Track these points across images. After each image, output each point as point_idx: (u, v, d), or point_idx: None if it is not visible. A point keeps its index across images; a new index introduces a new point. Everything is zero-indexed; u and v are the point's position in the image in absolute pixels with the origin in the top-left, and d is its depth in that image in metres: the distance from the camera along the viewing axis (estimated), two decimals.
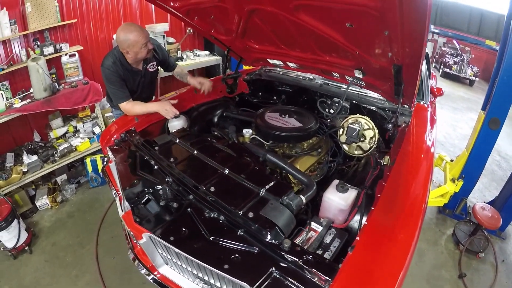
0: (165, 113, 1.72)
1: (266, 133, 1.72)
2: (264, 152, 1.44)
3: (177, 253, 1.06)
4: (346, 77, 1.83)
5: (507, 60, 1.99)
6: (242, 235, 1.01)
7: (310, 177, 1.33)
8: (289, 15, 1.27)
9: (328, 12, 1.16)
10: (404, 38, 1.06)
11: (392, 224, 0.96)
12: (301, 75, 2.24)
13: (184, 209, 1.15)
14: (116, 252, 2.13)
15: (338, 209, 1.16)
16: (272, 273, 0.89)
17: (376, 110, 1.84)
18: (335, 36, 1.30)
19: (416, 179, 1.19)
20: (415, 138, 1.49)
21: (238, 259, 0.93)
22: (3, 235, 2.05)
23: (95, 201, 2.67)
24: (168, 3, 1.64)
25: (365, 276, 0.82)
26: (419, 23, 0.91)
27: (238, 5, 1.41)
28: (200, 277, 1.09)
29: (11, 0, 2.48)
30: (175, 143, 1.55)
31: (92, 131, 2.79)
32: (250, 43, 1.94)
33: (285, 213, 1.04)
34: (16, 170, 2.40)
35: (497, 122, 2.18)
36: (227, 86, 2.24)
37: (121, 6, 3.19)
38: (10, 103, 2.41)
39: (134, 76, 1.86)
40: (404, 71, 1.31)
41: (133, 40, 1.65)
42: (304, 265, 0.87)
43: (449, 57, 7.30)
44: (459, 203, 2.51)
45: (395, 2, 0.89)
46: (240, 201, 1.10)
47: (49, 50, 2.64)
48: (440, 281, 2.00)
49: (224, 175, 1.25)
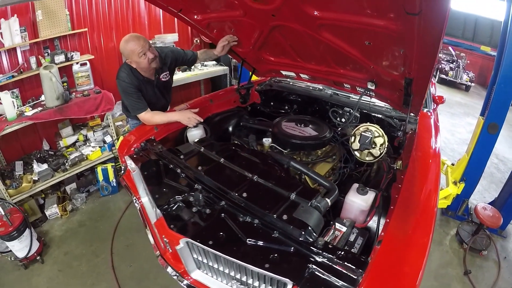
0: (188, 121, 1.81)
1: (284, 142, 1.85)
2: (288, 160, 1.56)
3: (216, 256, 1.15)
4: (357, 88, 1.98)
5: (504, 67, 2.14)
6: (277, 236, 1.11)
7: (332, 181, 1.46)
8: (311, 32, 1.40)
9: (349, 31, 1.29)
10: (418, 55, 1.19)
11: (411, 221, 1.08)
12: (311, 86, 2.37)
13: (217, 215, 1.25)
14: (132, 260, 2.19)
15: (360, 210, 1.28)
16: (310, 269, 0.99)
17: (384, 118, 1.99)
18: (352, 52, 1.44)
19: (427, 181, 1.33)
20: (423, 144, 1.63)
21: (276, 258, 1.03)
22: (14, 244, 2.08)
23: (106, 210, 2.72)
24: (191, 16, 1.76)
25: (393, 267, 0.94)
26: (434, 41, 1.03)
27: (263, 21, 1.52)
28: (237, 278, 1.18)
29: (22, 7, 2.55)
30: (200, 151, 1.65)
31: (103, 140, 2.86)
32: (266, 55, 2.06)
33: (315, 215, 1.15)
34: (26, 179, 2.45)
35: (495, 127, 2.34)
36: (241, 96, 2.36)
37: (130, 16, 3.30)
38: (21, 111, 2.46)
39: (147, 85, 1.94)
40: (414, 83, 1.46)
41: (130, 49, 1.72)
42: (338, 260, 0.98)
43: (445, 64, 7.61)
44: (461, 205, 2.67)
45: (413, 27, 1.03)
46: (272, 205, 1.20)
47: (60, 59, 2.72)
48: (447, 278, 2.15)
49: (254, 181, 1.36)
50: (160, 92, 2.08)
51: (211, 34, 1.97)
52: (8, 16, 2.49)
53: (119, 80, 1.84)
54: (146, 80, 1.94)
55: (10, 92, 2.45)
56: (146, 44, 1.75)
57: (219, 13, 1.66)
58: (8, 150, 2.72)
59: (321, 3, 1.18)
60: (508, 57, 2.12)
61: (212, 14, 1.71)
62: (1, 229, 2.01)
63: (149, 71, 1.92)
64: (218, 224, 1.21)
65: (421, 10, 0.90)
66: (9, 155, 2.73)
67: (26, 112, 2.44)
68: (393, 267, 0.95)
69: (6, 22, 2.44)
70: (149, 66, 1.84)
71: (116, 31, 3.22)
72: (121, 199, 2.87)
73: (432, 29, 0.96)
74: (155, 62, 1.85)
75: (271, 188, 1.32)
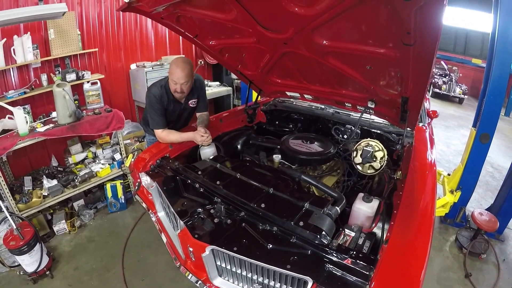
0: (202, 139, 1.99)
1: (292, 158, 2.04)
2: (300, 174, 1.73)
3: (240, 261, 1.29)
4: (358, 107, 2.20)
5: (493, 80, 2.35)
6: (295, 241, 1.26)
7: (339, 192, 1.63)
8: (319, 58, 1.61)
9: (353, 58, 1.50)
10: (413, 77, 1.39)
11: (413, 222, 1.25)
12: (313, 105, 2.60)
13: (238, 224, 1.39)
14: (144, 274, 2.27)
15: (366, 216, 1.44)
16: (327, 268, 1.14)
17: (383, 133, 2.21)
18: (355, 75, 1.65)
19: (425, 187, 1.51)
20: (420, 155, 1.83)
21: (296, 260, 1.18)
22: (24, 259, 2.13)
23: (115, 226, 2.81)
24: (206, 41, 1.97)
25: (399, 262, 1.09)
26: (426, 65, 1.22)
27: (274, 47, 1.73)
28: (259, 282, 1.31)
29: (35, 25, 2.73)
30: (216, 168, 1.81)
31: (112, 158, 2.98)
32: (273, 77, 2.28)
33: (328, 221, 1.31)
34: (36, 194, 2.54)
35: (487, 137, 2.54)
36: (248, 116, 2.58)
37: (138, 37, 3.55)
38: (32, 127, 2.55)
39: (175, 106, 2.12)
40: (410, 101, 1.66)
41: (171, 72, 1.93)
42: (352, 259, 1.13)
43: (438, 78, 8.06)
44: (459, 212, 2.84)
45: (409, 54, 1.22)
46: (289, 213, 1.36)
47: (72, 77, 2.89)
48: (449, 281, 2.30)
49: (270, 193, 1.52)
50: (183, 116, 2.26)
51: (223, 58, 2.17)
52: (21, 33, 2.66)
53: (149, 93, 2.02)
54: (175, 101, 2.11)
55: (22, 108, 2.56)
56: (185, 81, 1.93)
57: (234, 39, 1.86)
58: (16, 165, 2.82)
59: (330, 34, 1.38)
60: (496, 69, 2.33)
61: (226, 40, 1.91)
62: (12, 243, 2.07)
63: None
64: (240, 232, 1.35)
65: (415, 42, 1.11)
66: (17, 170, 2.83)
67: (38, 128, 2.54)
68: (399, 262, 1.10)
69: (19, 39, 2.60)
70: (174, 94, 2.03)
71: (124, 52, 3.44)
72: (130, 215, 2.97)
73: (424, 56, 1.16)
74: (180, 97, 2.05)
75: (287, 198, 1.48)
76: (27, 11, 2.27)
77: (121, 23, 3.36)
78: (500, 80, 2.36)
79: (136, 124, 3.61)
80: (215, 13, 1.58)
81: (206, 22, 1.76)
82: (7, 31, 2.58)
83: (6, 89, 2.68)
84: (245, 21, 1.51)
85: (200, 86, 2.25)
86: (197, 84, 2.20)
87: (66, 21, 2.78)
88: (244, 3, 1.37)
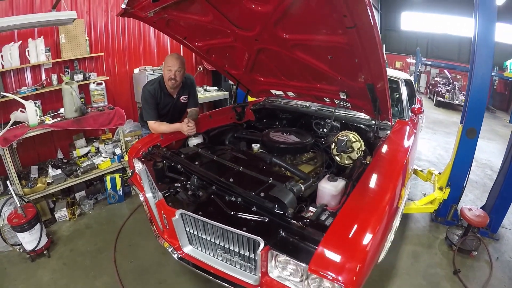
0: (188, 129, 2.24)
1: (271, 147, 2.24)
2: (270, 156, 1.93)
3: (205, 225, 1.47)
4: (335, 101, 2.39)
5: (475, 77, 2.47)
6: (255, 210, 1.44)
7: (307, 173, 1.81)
8: (287, 52, 1.84)
9: (314, 48, 1.72)
10: (369, 63, 1.56)
11: (366, 198, 1.40)
12: (299, 104, 2.83)
13: (208, 196, 1.59)
14: (133, 257, 2.46)
15: (331, 195, 1.57)
16: (280, 233, 1.29)
17: (363, 127, 2.37)
18: (322, 66, 1.87)
19: (387, 170, 1.69)
20: (392, 144, 2.01)
21: (253, 225, 1.35)
22: (25, 236, 2.32)
23: (112, 216, 3.04)
24: (194, 43, 2.26)
25: (346, 229, 1.21)
26: (375, 48, 1.38)
27: (248, 44, 1.99)
28: (221, 246, 1.49)
29: (48, 30, 3.13)
30: (197, 152, 2.04)
31: (113, 152, 3.27)
32: (256, 76, 2.54)
33: (288, 194, 1.47)
34: (41, 181, 2.82)
35: (473, 132, 2.59)
36: (236, 113, 2.82)
37: (141, 45, 3.94)
38: (41, 120, 2.87)
39: (167, 100, 2.41)
40: (376, 89, 1.80)
41: (166, 60, 2.26)
42: (303, 225, 1.29)
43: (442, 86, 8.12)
44: (450, 210, 2.88)
45: (356, 38, 1.40)
46: (253, 187, 1.55)
47: (79, 77, 3.24)
48: (435, 277, 2.27)
49: (240, 171, 1.72)
50: (174, 110, 2.54)
51: (210, 58, 2.46)
52: (35, 37, 3.06)
53: (144, 88, 2.33)
54: (167, 95, 2.41)
55: (33, 102, 2.87)
56: (179, 67, 2.25)
57: (216, 40, 2.14)
58: (25, 156, 3.14)
59: (288, 27, 1.61)
60: (477, 66, 2.46)
61: (210, 41, 2.20)
62: (15, 220, 2.29)
63: (172, 89, 2.39)
64: (208, 202, 1.55)
65: (356, 24, 1.29)
66: (25, 160, 3.14)
67: (46, 121, 2.86)
68: (346, 228, 1.22)
69: (33, 42, 2.99)
70: (168, 83, 2.31)
71: (128, 58, 3.82)
72: (127, 207, 3.21)
73: (368, 37, 1.33)
74: (173, 84, 2.32)
75: (253, 175, 1.67)
76: (41, 17, 2.65)
77: (126, 31, 3.76)
78: (482, 77, 2.47)
79: (137, 124, 3.91)
80: (196, 16, 1.86)
81: (191, 25, 2.05)
82: (23, 35, 2.98)
83: (19, 86, 3.07)
84: (220, 22, 1.78)
85: (190, 84, 2.53)
86: (188, 82, 2.49)
87: (76, 27, 3.17)
88: (217, 6, 1.64)
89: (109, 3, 3.56)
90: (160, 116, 2.41)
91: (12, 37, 2.95)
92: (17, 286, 2.20)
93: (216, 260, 1.55)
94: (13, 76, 3.05)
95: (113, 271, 2.33)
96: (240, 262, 1.43)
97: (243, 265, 1.43)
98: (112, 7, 3.60)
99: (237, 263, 1.45)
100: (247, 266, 1.42)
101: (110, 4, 3.58)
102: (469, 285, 2.18)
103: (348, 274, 1.07)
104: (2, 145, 2.50)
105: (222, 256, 1.51)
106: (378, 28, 1.26)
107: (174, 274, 2.26)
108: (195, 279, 2.20)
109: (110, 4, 3.58)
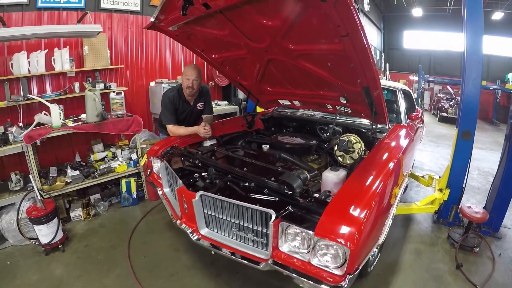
0: (204, 131, 2.53)
1: (279, 147, 2.49)
2: (279, 152, 2.20)
3: (222, 203, 1.69)
4: (337, 107, 2.68)
5: (466, 85, 2.72)
6: (267, 192, 1.68)
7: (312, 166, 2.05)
8: (293, 62, 2.15)
9: (316, 57, 2.02)
10: (362, 67, 1.81)
11: (362, 180, 1.65)
12: (305, 113, 3.15)
13: (225, 183, 1.83)
14: (146, 253, 2.62)
15: (333, 182, 1.84)
16: (288, 208, 1.53)
17: (363, 131, 2.64)
18: (323, 74, 2.16)
19: (380, 160, 1.94)
20: (388, 140, 2.30)
21: (265, 203, 1.59)
22: (42, 229, 2.47)
23: (126, 217, 3.24)
24: (210, 55, 2.60)
25: (345, 205, 1.45)
26: (364, 51, 1.62)
27: (259, 56, 2.30)
28: (236, 224, 1.70)
29: (72, 42, 3.52)
30: (213, 150, 2.33)
31: (129, 157, 3.51)
32: (265, 86, 2.86)
33: (296, 179, 1.71)
34: (60, 180, 3.05)
35: (468, 134, 2.79)
36: (247, 122, 3.14)
37: (158, 60, 4.38)
38: (64, 123, 3.11)
39: (184, 106, 2.73)
40: (371, 91, 2.04)
41: (184, 72, 2.60)
42: (308, 201, 1.53)
43: (445, 102, 8.45)
44: (451, 211, 3.02)
45: (350, 45, 1.67)
46: (265, 174, 1.80)
47: (100, 86, 3.58)
48: (438, 271, 2.40)
49: (253, 163, 1.99)
50: (190, 116, 2.86)
51: (224, 69, 2.80)
52: (61, 47, 3.44)
53: (164, 94, 2.67)
54: (185, 102, 2.74)
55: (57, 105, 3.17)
56: (196, 76, 2.60)
57: (230, 52, 2.47)
58: (44, 158, 3.39)
59: (294, 39, 1.91)
60: (468, 72, 2.71)
61: (225, 53, 2.53)
62: (34, 213, 2.46)
63: (189, 96, 2.72)
64: (225, 187, 1.79)
65: (348, 33, 1.56)
66: (44, 162, 3.39)
67: (69, 124, 3.09)
68: (345, 203, 1.47)
69: (59, 51, 3.36)
70: (186, 90, 2.64)
71: (145, 72, 4.24)
72: (140, 210, 3.40)
73: (359, 43, 1.58)
74: (190, 92, 2.65)
75: (265, 166, 1.93)
76: (70, 28, 3.04)
77: (144, 47, 4.18)
78: (473, 82, 2.72)
79: (151, 133, 4.23)
80: (215, 30, 2.19)
81: (209, 39, 2.39)
82: (49, 44, 3.36)
83: (44, 91, 3.42)
84: (235, 35, 2.11)
85: (206, 92, 2.88)
86: (204, 91, 2.84)
87: (99, 40, 3.58)
88: (233, 21, 1.97)
89: (129, 20, 4.02)
90: (178, 121, 2.72)
91: (39, 46, 3.32)
92: (30, 277, 2.31)
93: (230, 239, 1.76)
94: (37, 81, 3.40)
95: (126, 265, 2.48)
96: (253, 238, 1.64)
97: (256, 241, 1.64)
98: (132, 23, 4.05)
99: (250, 240, 1.66)
100: (259, 242, 1.63)
101: (130, 21, 4.03)
102: (472, 279, 2.29)
103: (348, 236, 1.30)
104: (27, 142, 2.76)
105: (236, 234, 1.72)
106: (366, 33, 1.53)
107: (185, 268, 2.42)
108: (206, 271, 2.36)
109: (130, 21, 4.03)
